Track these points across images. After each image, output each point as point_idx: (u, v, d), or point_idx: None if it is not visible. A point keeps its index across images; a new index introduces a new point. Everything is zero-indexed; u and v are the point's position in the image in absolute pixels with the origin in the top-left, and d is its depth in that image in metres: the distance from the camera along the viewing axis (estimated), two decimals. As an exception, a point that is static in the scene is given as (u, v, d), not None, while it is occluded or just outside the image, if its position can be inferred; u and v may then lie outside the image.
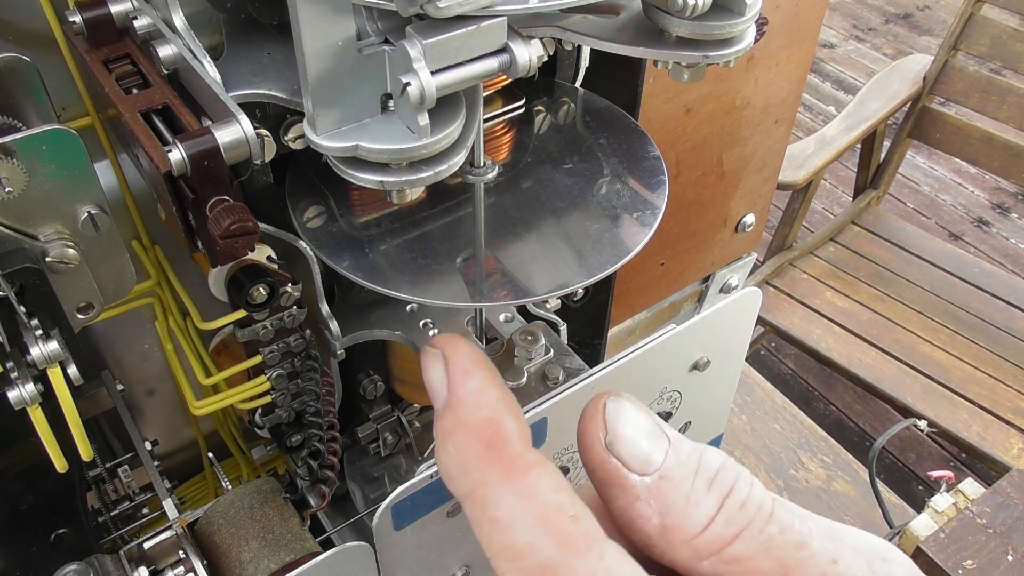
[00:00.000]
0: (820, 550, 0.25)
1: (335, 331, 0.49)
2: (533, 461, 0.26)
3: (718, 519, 0.25)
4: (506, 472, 0.25)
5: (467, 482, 0.26)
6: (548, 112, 0.51)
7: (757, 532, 0.25)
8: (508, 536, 0.25)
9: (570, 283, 0.41)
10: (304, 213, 0.44)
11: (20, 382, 0.36)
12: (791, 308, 1.68)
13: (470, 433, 0.26)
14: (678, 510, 0.25)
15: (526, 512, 0.25)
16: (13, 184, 0.34)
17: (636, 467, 0.26)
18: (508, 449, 0.26)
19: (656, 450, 0.26)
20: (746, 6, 0.34)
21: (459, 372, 0.27)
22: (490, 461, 0.25)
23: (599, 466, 0.26)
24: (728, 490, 0.25)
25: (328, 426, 0.52)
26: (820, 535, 0.25)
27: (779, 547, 0.24)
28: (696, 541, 0.25)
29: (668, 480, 0.25)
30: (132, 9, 0.39)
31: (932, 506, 0.87)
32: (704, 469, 0.26)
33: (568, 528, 0.24)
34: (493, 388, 0.27)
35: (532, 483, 0.25)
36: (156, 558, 0.50)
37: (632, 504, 0.26)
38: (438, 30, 0.30)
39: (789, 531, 0.25)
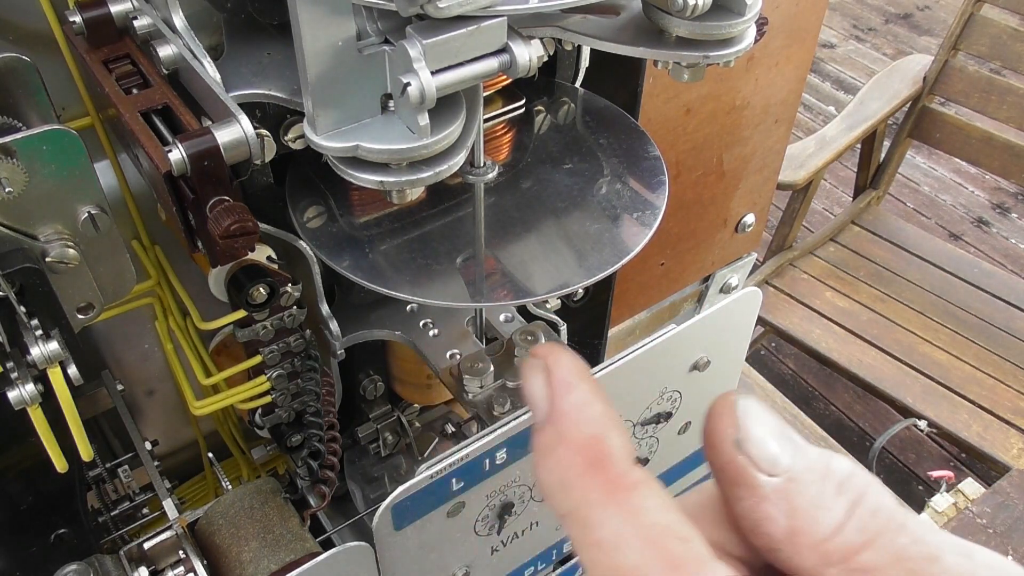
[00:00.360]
0: (953, 566, 0.24)
1: (335, 331, 0.49)
2: (639, 479, 0.25)
3: (848, 525, 0.24)
4: (610, 491, 0.24)
5: (569, 501, 0.25)
6: (548, 112, 0.51)
7: (889, 542, 0.24)
8: (613, 559, 0.24)
9: (570, 283, 0.41)
10: (304, 213, 0.44)
11: (20, 382, 0.36)
12: (791, 308, 1.68)
13: (573, 450, 0.25)
14: (806, 514, 0.24)
15: (632, 534, 0.24)
16: (13, 184, 0.34)
17: (764, 467, 0.25)
18: (612, 467, 0.25)
19: (784, 453, 0.25)
20: (746, 6, 0.34)
21: (562, 385, 0.26)
22: (593, 479, 0.25)
23: (727, 463, 0.26)
24: (859, 497, 0.25)
25: (328, 426, 0.52)
26: (952, 551, 0.24)
27: (911, 559, 0.24)
28: (825, 546, 0.24)
29: (796, 483, 0.25)
30: (132, 9, 0.39)
31: (932, 506, 0.87)
32: (833, 474, 0.25)
33: (677, 550, 0.24)
34: (597, 402, 0.26)
35: (638, 503, 0.24)
36: (156, 558, 0.50)
37: (759, 505, 0.25)
38: (438, 30, 0.30)
39: (921, 544, 0.24)
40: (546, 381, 0.26)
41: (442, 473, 0.39)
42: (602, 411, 0.26)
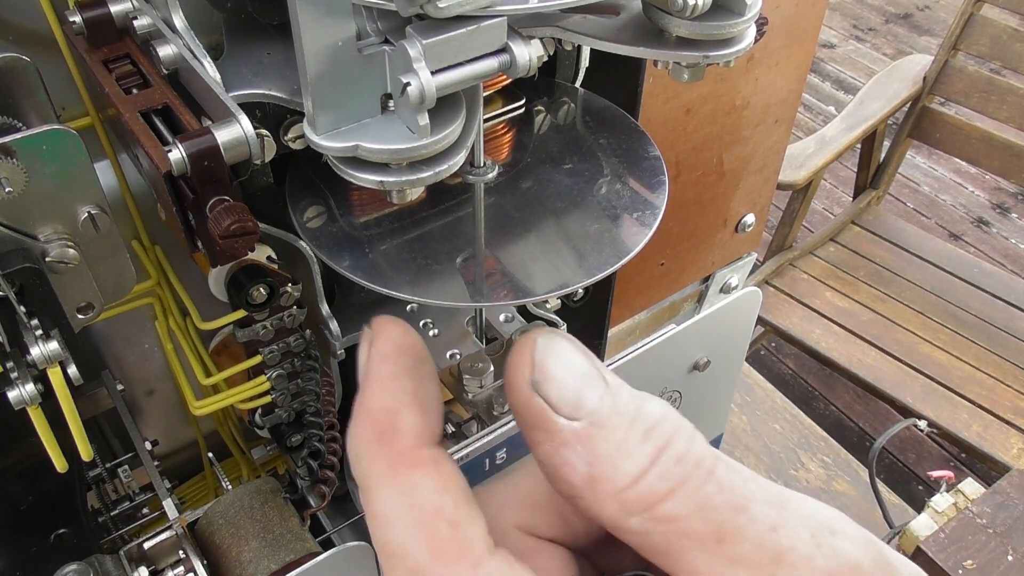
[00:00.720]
0: (760, 516, 0.23)
1: (335, 331, 0.49)
2: (421, 458, 0.24)
3: (651, 472, 0.23)
4: (391, 466, 0.24)
5: (358, 470, 0.25)
6: (548, 112, 0.51)
7: (693, 490, 0.23)
8: (384, 534, 0.23)
9: (570, 283, 0.41)
10: (304, 213, 0.44)
11: (20, 382, 0.36)
12: (791, 308, 1.68)
13: (366, 419, 0.25)
14: (608, 460, 0.23)
15: (403, 512, 0.23)
16: (13, 184, 0.34)
17: (564, 410, 0.24)
18: (398, 442, 0.24)
19: (590, 394, 0.24)
20: (746, 6, 0.34)
21: (377, 355, 0.25)
22: (379, 452, 0.24)
23: (523, 406, 0.24)
24: (665, 442, 0.23)
25: (328, 426, 0.52)
26: (763, 500, 0.23)
27: (716, 508, 0.23)
28: (625, 495, 0.23)
29: (600, 427, 0.24)
30: (132, 9, 0.39)
31: (932, 506, 0.87)
32: (642, 419, 0.24)
33: (442, 534, 0.23)
34: (404, 377, 0.25)
35: (415, 481, 0.24)
36: (156, 558, 0.50)
37: (557, 450, 0.24)
38: (438, 30, 0.30)
39: (728, 492, 0.23)
40: (367, 350, 0.26)
41: (442, 473, 0.39)
42: (405, 387, 0.25)
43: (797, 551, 0.22)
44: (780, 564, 0.22)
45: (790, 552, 0.22)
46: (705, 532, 0.23)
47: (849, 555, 0.23)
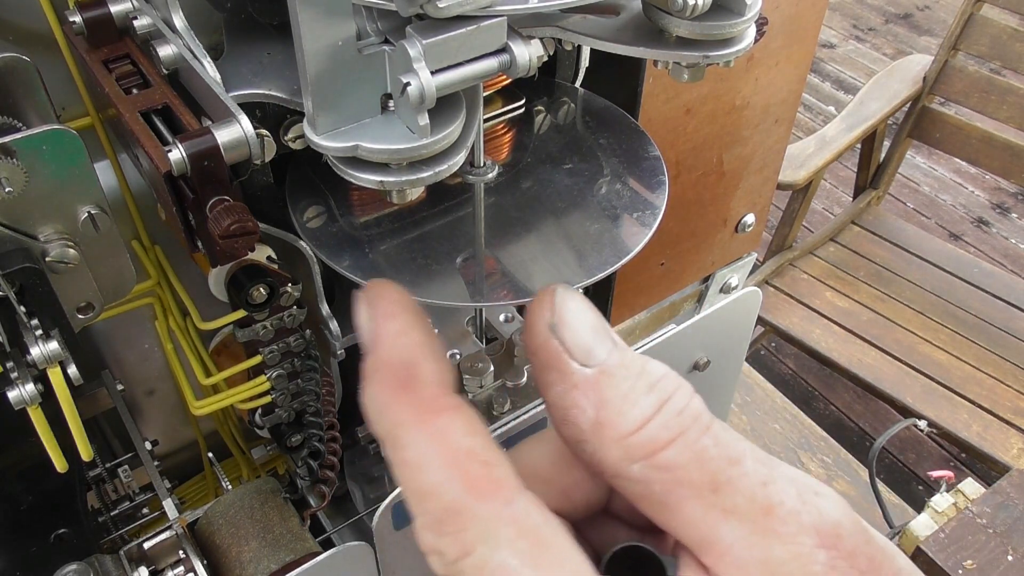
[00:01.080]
0: (752, 470, 0.24)
1: (335, 331, 0.49)
2: (447, 404, 0.25)
3: (654, 421, 0.25)
4: (419, 413, 0.25)
5: (383, 423, 0.26)
6: (548, 112, 0.51)
7: (692, 441, 0.24)
8: (417, 478, 0.24)
9: (570, 283, 0.41)
10: (304, 213, 0.44)
11: (20, 382, 0.36)
12: (791, 308, 1.68)
13: (387, 374, 0.26)
14: (614, 406, 0.25)
15: (435, 454, 0.24)
16: (13, 184, 0.34)
17: (578, 355, 0.26)
18: (422, 391, 0.25)
19: (600, 346, 0.26)
20: (746, 6, 0.34)
21: (382, 315, 0.27)
22: (405, 402, 0.25)
23: (540, 347, 0.26)
24: (668, 396, 0.25)
25: (328, 426, 0.52)
26: (754, 457, 0.25)
27: (712, 460, 0.24)
28: (628, 440, 0.25)
29: (608, 376, 0.25)
30: (132, 9, 0.39)
31: (932, 506, 0.87)
32: (647, 374, 0.26)
33: (477, 472, 0.24)
34: (413, 332, 0.26)
35: (444, 425, 0.25)
36: (156, 558, 0.50)
37: (568, 392, 0.25)
38: (438, 30, 0.30)
39: (724, 446, 0.25)
40: (370, 312, 0.27)
41: (442, 473, 0.39)
42: (418, 340, 0.26)
43: (785, 506, 0.24)
44: (770, 516, 0.24)
45: (779, 506, 0.24)
46: (701, 481, 0.24)
47: (832, 514, 0.24)
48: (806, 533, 0.24)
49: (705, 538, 0.24)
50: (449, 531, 0.24)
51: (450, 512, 0.24)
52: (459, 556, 0.24)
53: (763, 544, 0.24)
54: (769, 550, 0.24)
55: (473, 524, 0.24)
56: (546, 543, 0.24)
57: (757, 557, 0.24)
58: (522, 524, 0.24)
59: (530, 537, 0.24)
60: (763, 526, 0.24)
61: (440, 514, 0.24)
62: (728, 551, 0.24)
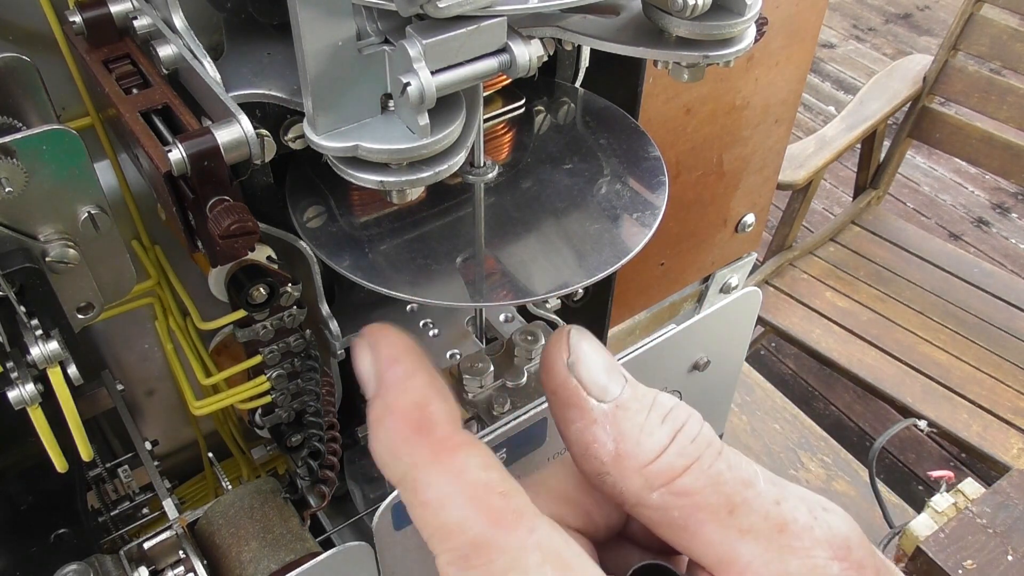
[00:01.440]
0: (765, 491, 0.26)
1: (335, 331, 0.49)
2: (461, 441, 0.26)
3: (670, 450, 0.26)
4: (434, 453, 0.26)
5: (399, 467, 0.26)
6: (548, 112, 0.51)
7: (707, 467, 0.26)
8: (439, 517, 0.25)
9: (570, 283, 0.41)
10: (304, 213, 0.44)
11: (20, 382, 0.36)
12: (791, 308, 1.68)
13: (399, 418, 0.26)
14: (632, 438, 0.26)
15: (455, 491, 0.25)
16: (13, 184, 0.34)
17: (595, 392, 0.27)
18: (435, 431, 0.26)
19: (614, 383, 0.27)
20: (746, 6, 0.34)
21: (386, 359, 0.27)
22: (418, 443, 0.26)
23: (560, 386, 0.27)
24: (681, 425, 0.26)
25: (328, 426, 0.52)
26: (765, 478, 0.26)
27: (727, 483, 0.25)
28: (648, 469, 0.26)
29: (624, 410, 0.26)
30: (132, 9, 0.39)
31: (932, 506, 0.87)
32: (658, 406, 0.27)
33: (497, 504, 0.25)
34: (420, 373, 0.27)
35: (461, 462, 0.25)
36: (156, 558, 0.50)
37: (588, 428, 0.27)
38: (438, 30, 0.30)
39: (737, 469, 0.26)
40: (373, 357, 0.28)
41: (442, 473, 0.39)
42: (425, 381, 0.27)
43: (799, 522, 0.25)
44: (784, 533, 0.25)
45: (792, 523, 0.25)
46: (718, 504, 0.25)
47: (841, 529, 0.25)
48: (819, 547, 0.25)
49: (724, 558, 0.25)
50: (476, 564, 0.24)
51: (475, 546, 0.24)
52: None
53: (780, 560, 0.25)
54: (786, 565, 0.25)
55: (500, 555, 0.24)
56: (570, 565, 0.25)
57: (775, 572, 0.25)
58: (546, 549, 0.24)
59: (555, 561, 0.24)
60: (779, 543, 0.25)
61: (466, 549, 0.24)
62: (747, 569, 0.25)
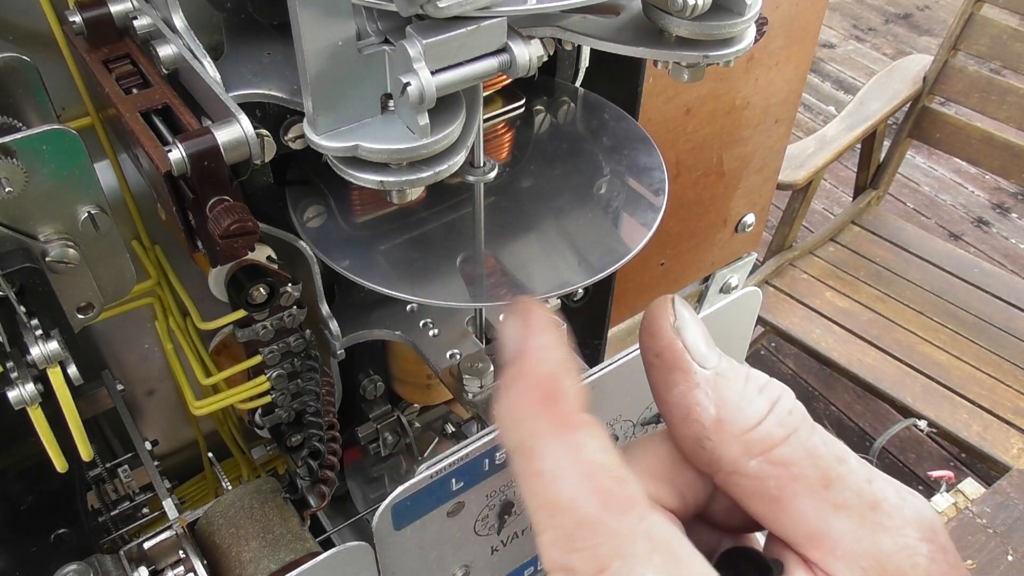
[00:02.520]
0: (857, 468, 0.26)
1: (335, 331, 0.49)
2: (585, 420, 0.26)
3: (769, 419, 0.26)
4: (557, 426, 0.26)
5: (518, 432, 0.26)
6: (548, 112, 0.51)
7: (804, 439, 0.26)
8: (551, 490, 0.25)
9: (570, 283, 0.41)
10: (304, 213, 0.44)
11: (20, 382, 0.36)
12: (791, 308, 1.68)
13: (530, 384, 0.26)
14: (733, 404, 0.26)
15: (572, 467, 0.25)
16: (13, 184, 0.34)
17: (697, 357, 0.27)
18: (562, 405, 0.26)
19: (713, 352, 0.28)
20: (746, 6, 0.34)
21: (535, 327, 0.28)
22: (543, 413, 0.26)
23: (666, 348, 0.28)
24: (777, 397, 0.27)
25: (328, 426, 0.52)
26: (855, 457, 0.26)
27: (823, 456, 0.26)
28: (748, 436, 0.26)
29: (724, 378, 0.27)
30: (132, 9, 0.39)
31: (932, 506, 0.87)
32: (754, 377, 0.27)
33: (612, 488, 0.25)
34: (560, 349, 0.27)
35: (581, 440, 0.25)
36: (156, 558, 0.50)
37: (691, 391, 0.27)
38: (438, 30, 0.30)
39: (832, 445, 0.26)
40: (522, 324, 0.28)
41: (442, 473, 0.39)
42: (563, 357, 0.27)
43: (889, 501, 0.25)
44: (876, 511, 0.25)
45: (883, 502, 0.25)
46: (814, 477, 0.25)
47: (927, 512, 0.26)
48: (910, 527, 0.25)
49: (815, 532, 0.25)
50: (582, 546, 0.24)
51: (584, 526, 0.24)
52: (594, 572, 0.24)
53: (872, 537, 0.25)
54: (878, 543, 0.25)
55: (609, 539, 0.24)
56: (679, 557, 0.24)
57: (867, 549, 0.25)
58: (656, 539, 0.24)
59: (664, 552, 0.24)
60: (871, 520, 0.25)
61: (573, 528, 0.24)
62: (838, 544, 0.25)
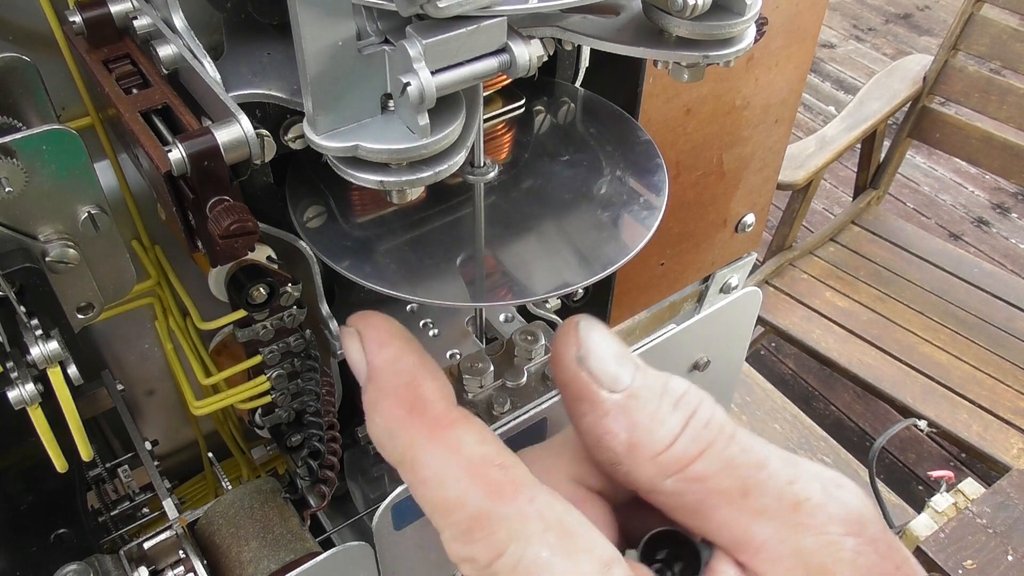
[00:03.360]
0: (778, 471, 0.25)
1: (335, 331, 0.49)
2: (456, 418, 0.26)
3: (683, 437, 0.26)
4: (429, 432, 0.26)
5: (397, 448, 0.27)
6: (548, 112, 0.51)
7: (720, 451, 0.25)
8: (438, 493, 0.25)
9: (570, 283, 0.41)
10: (304, 213, 0.44)
11: (20, 382, 0.36)
12: (791, 308, 1.68)
13: (393, 400, 0.27)
14: (644, 427, 0.26)
15: (452, 467, 0.25)
16: (13, 184, 0.34)
17: (606, 383, 0.27)
18: (429, 410, 0.26)
19: (625, 372, 0.27)
20: (746, 6, 0.34)
21: (374, 344, 0.28)
22: (414, 423, 0.26)
23: (571, 380, 0.27)
24: (693, 411, 0.26)
25: (328, 426, 0.52)
26: (778, 458, 0.26)
27: (740, 467, 0.25)
28: (661, 458, 0.26)
29: (636, 399, 0.26)
30: (132, 9, 0.39)
31: (932, 506, 0.87)
32: (670, 391, 0.27)
33: (495, 477, 0.25)
34: (408, 355, 0.28)
35: (456, 438, 0.26)
36: (156, 558, 0.50)
37: (600, 420, 0.26)
38: (438, 30, 0.30)
39: (750, 452, 0.26)
40: (360, 345, 0.28)
41: (442, 473, 0.39)
42: (414, 362, 0.27)
43: (812, 501, 0.25)
44: (798, 511, 0.25)
45: (806, 502, 0.25)
46: (732, 488, 0.25)
47: (855, 505, 0.25)
48: (834, 523, 0.25)
49: (739, 539, 0.25)
50: (479, 537, 0.25)
51: (476, 519, 0.25)
52: (492, 558, 0.24)
53: (794, 537, 0.25)
54: (800, 542, 0.25)
55: (501, 526, 0.24)
56: (572, 532, 0.25)
57: (790, 549, 0.25)
58: (547, 518, 0.25)
59: (557, 529, 0.24)
60: (793, 521, 0.25)
61: (467, 523, 0.25)
62: (762, 548, 0.25)
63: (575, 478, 0.29)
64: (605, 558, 0.24)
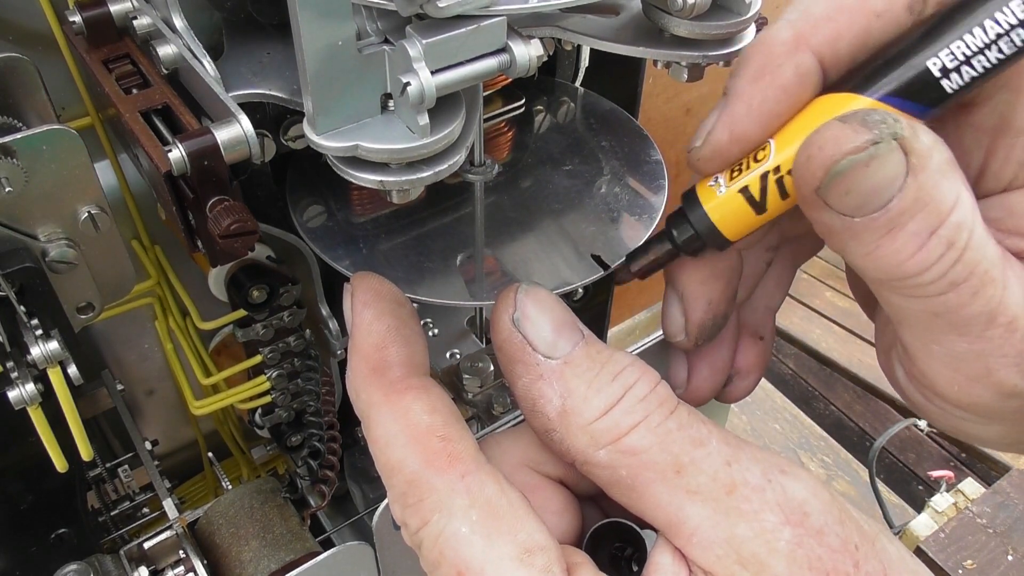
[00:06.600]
0: (716, 451, 0.25)
1: (335, 331, 0.49)
2: (411, 385, 0.27)
3: (617, 408, 0.25)
4: (385, 394, 0.27)
5: (359, 404, 0.28)
6: (548, 112, 0.51)
7: (655, 425, 0.25)
8: (385, 453, 0.26)
9: (570, 282, 0.41)
10: (304, 213, 0.44)
11: (20, 382, 0.36)
12: (791, 308, 1.68)
13: (359, 358, 0.28)
14: (579, 395, 0.26)
15: (399, 431, 0.26)
16: (13, 184, 0.34)
17: (541, 348, 0.27)
18: (388, 373, 0.27)
19: (564, 340, 0.27)
20: (746, 6, 0.34)
21: (359, 304, 0.29)
22: (373, 383, 0.27)
23: (505, 341, 0.27)
24: (632, 384, 0.26)
25: (328, 426, 0.52)
26: (719, 438, 0.25)
27: (675, 442, 0.25)
28: (593, 427, 0.26)
29: (573, 366, 0.26)
30: (132, 9, 0.39)
31: (932, 506, 0.87)
32: (612, 364, 0.26)
33: (435, 447, 0.26)
34: (386, 318, 0.28)
35: (407, 404, 0.26)
36: (156, 558, 0.50)
37: (534, 383, 0.27)
38: (438, 30, 0.30)
39: (687, 428, 0.25)
40: (349, 302, 0.29)
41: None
42: (389, 325, 0.28)
43: (749, 484, 0.24)
44: (733, 495, 0.24)
45: (743, 485, 0.24)
46: (665, 464, 0.25)
47: (797, 493, 0.24)
48: (770, 510, 0.24)
49: (672, 520, 0.25)
50: (410, 503, 0.25)
51: (411, 485, 0.25)
52: (419, 526, 0.25)
53: (727, 523, 0.24)
54: (733, 528, 0.24)
55: (430, 495, 0.25)
56: (499, 514, 0.25)
57: (723, 536, 0.24)
58: (476, 495, 0.25)
59: (483, 508, 0.25)
60: (726, 505, 0.24)
61: (403, 487, 0.26)
62: (695, 532, 0.24)
63: (531, 464, 0.29)
64: (528, 544, 0.24)
